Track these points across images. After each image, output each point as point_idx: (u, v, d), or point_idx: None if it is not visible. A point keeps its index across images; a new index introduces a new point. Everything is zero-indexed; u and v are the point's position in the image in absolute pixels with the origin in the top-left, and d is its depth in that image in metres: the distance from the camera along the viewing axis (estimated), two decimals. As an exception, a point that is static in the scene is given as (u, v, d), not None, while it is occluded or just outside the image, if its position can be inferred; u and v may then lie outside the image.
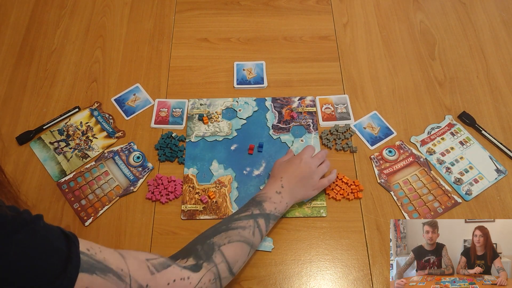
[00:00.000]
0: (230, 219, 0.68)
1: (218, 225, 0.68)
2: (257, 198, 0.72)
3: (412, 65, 0.98)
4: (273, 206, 0.71)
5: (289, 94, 0.94)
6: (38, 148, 0.88)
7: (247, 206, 0.71)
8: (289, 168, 0.76)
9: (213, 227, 0.68)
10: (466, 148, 0.87)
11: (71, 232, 0.50)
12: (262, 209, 0.70)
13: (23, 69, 0.98)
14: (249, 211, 0.69)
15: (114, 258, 0.52)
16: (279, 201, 0.72)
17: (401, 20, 1.06)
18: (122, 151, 0.87)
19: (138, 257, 0.56)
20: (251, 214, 0.69)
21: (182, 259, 0.61)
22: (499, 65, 0.98)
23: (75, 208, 0.81)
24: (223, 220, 0.69)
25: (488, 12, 1.07)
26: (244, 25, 1.05)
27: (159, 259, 0.58)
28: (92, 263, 0.49)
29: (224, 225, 0.67)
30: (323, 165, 0.79)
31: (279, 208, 0.72)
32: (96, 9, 1.08)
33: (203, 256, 0.62)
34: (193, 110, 0.92)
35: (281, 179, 0.74)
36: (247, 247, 0.66)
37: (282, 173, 0.76)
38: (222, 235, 0.65)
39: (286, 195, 0.73)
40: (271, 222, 0.71)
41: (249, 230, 0.67)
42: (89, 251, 0.49)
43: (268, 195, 0.72)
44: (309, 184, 0.76)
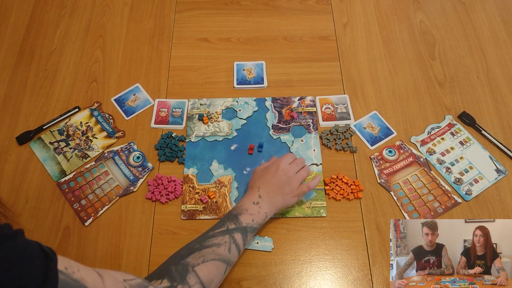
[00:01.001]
0: (204, 236, 0.66)
1: (192, 244, 0.65)
2: (232, 211, 0.70)
3: (412, 65, 0.98)
4: (250, 218, 0.69)
5: (289, 94, 0.94)
6: (38, 148, 0.88)
7: (222, 221, 0.68)
8: (266, 177, 0.74)
9: (187, 246, 0.65)
10: (466, 148, 0.87)
11: (49, 248, 0.49)
12: (238, 223, 0.68)
13: (23, 69, 0.98)
14: (225, 226, 0.67)
15: (92, 277, 0.51)
16: (257, 212, 0.70)
17: (401, 20, 1.06)
18: (122, 151, 0.87)
19: (116, 278, 0.55)
20: (226, 229, 0.66)
21: (156, 280, 0.59)
22: (499, 65, 0.98)
23: (75, 208, 0.81)
24: (198, 238, 0.66)
25: (488, 12, 1.07)
26: (244, 25, 1.05)
27: (136, 280, 0.57)
28: (69, 282, 0.48)
29: (198, 244, 0.64)
30: (302, 170, 0.77)
31: (257, 219, 0.70)
32: (96, 9, 1.08)
33: (177, 278, 0.60)
34: (193, 110, 0.92)
35: (258, 188, 0.73)
36: (222, 265, 0.64)
37: (259, 182, 0.74)
38: (196, 255, 0.63)
39: (264, 205, 0.71)
40: (249, 235, 0.69)
41: (224, 247, 0.65)
42: (67, 270, 0.48)
43: (245, 207, 0.70)
44: (287, 191, 0.74)
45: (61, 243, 0.78)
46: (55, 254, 0.49)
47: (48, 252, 0.48)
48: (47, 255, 0.47)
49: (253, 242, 0.77)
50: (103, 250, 0.77)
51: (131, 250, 0.77)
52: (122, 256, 0.76)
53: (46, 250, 0.48)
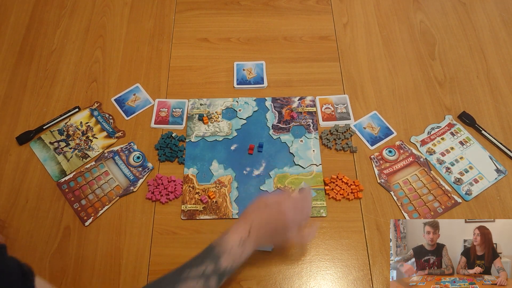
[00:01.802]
0: (178, 277, 0.59)
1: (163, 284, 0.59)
2: (216, 248, 0.62)
3: (412, 65, 0.98)
4: (231, 261, 0.62)
5: (289, 94, 0.94)
6: (38, 148, 0.88)
7: (202, 257, 0.61)
8: (264, 215, 0.66)
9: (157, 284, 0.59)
10: (466, 148, 0.87)
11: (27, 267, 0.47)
12: (217, 265, 0.60)
13: (23, 69, 0.98)
14: (203, 266, 0.60)
15: None
16: (239, 255, 0.63)
17: (401, 20, 1.06)
18: (122, 151, 0.87)
19: None
20: (203, 273, 0.59)
21: None
22: (499, 65, 0.98)
23: (75, 208, 0.81)
24: (172, 276, 0.60)
25: (488, 12, 1.07)
26: (244, 25, 1.05)
27: None
28: None
29: (171, 284, 0.58)
30: (306, 231, 0.72)
31: (237, 262, 0.63)
32: (96, 9, 1.08)
33: None
34: (193, 110, 0.92)
35: (251, 224, 0.64)
36: None
37: (255, 216, 0.66)
38: None
39: (249, 245, 0.64)
40: (225, 278, 0.62)
41: None
42: None
43: (230, 245, 0.62)
44: (278, 239, 0.69)
45: (61, 243, 0.78)
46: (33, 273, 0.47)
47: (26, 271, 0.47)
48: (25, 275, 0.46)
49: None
50: (103, 250, 0.77)
51: (131, 250, 0.77)
52: (122, 256, 0.76)
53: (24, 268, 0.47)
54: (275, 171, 0.85)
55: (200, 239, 0.78)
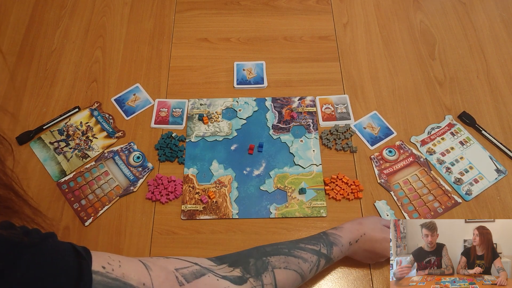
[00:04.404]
0: (295, 244, 0.64)
1: (281, 246, 0.63)
2: (331, 236, 0.67)
3: (412, 65, 0.98)
4: (339, 253, 0.67)
5: (289, 94, 0.94)
6: (38, 148, 0.88)
7: (318, 239, 0.66)
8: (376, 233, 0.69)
9: (274, 245, 0.63)
10: (466, 148, 0.87)
11: (84, 248, 0.47)
12: (330, 252, 0.65)
13: (23, 69, 0.98)
14: (318, 247, 0.65)
15: (137, 271, 0.49)
16: (345, 251, 0.68)
17: (401, 20, 1.06)
18: (122, 151, 0.87)
19: (167, 267, 0.52)
20: (318, 250, 0.64)
21: (229, 267, 0.57)
22: (499, 65, 0.98)
23: (75, 208, 0.81)
24: (288, 242, 0.65)
25: (488, 12, 1.06)
26: (244, 25, 1.05)
27: (192, 268, 0.53)
28: (107, 283, 0.45)
29: (287, 249, 0.63)
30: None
31: (340, 256, 0.68)
32: (96, 9, 1.08)
33: (252, 271, 0.57)
34: (193, 110, 0.92)
35: (364, 232, 0.69)
36: (299, 279, 0.63)
37: (369, 229, 0.69)
38: (281, 258, 0.61)
39: (351, 250, 0.69)
40: (327, 266, 0.68)
41: (308, 265, 0.63)
42: (105, 269, 0.46)
43: (343, 241, 0.67)
44: (371, 261, 0.73)
45: (61, 243, 0.78)
46: (90, 253, 0.46)
47: (82, 252, 0.46)
48: (80, 256, 0.45)
49: (253, 242, 0.77)
50: (103, 250, 0.77)
51: (131, 250, 0.77)
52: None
53: (79, 250, 0.46)
54: (275, 171, 0.85)
55: (200, 239, 0.78)
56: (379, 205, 0.80)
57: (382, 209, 0.80)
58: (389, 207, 0.80)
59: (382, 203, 0.81)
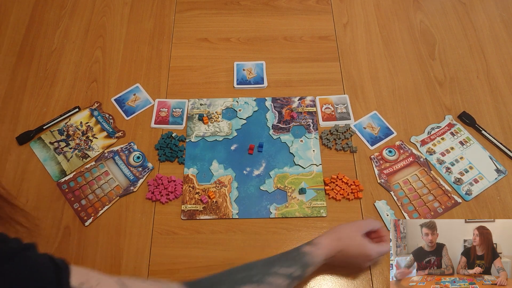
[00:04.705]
0: (269, 270, 0.62)
1: (253, 273, 0.62)
2: (307, 257, 0.65)
3: (412, 65, 0.98)
4: (311, 270, 0.67)
5: (289, 94, 0.94)
6: (38, 148, 0.88)
7: (293, 259, 0.65)
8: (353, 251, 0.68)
9: (246, 271, 0.62)
10: (466, 148, 0.87)
11: (62, 261, 0.45)
12: (303, 273, 0.64)
13: (23, 69, 0.98)
14: (292, 269, 0.63)
15: None
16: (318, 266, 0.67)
17: (401, 20, 1.06)
18: (122, 151, 0.87)
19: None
20: (291, 274, 0.63)
21: None
22: (499, 65, 0.98)
23: (75, 208, 0.81)
24: (261, 266, 0.63)
25: (488, 12, 1.06)
26: (244, 25, 1.05)
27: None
28: None
29: (260, 275, 0.61)
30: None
31: (312, 271, 0.67)
32: (96, 9, 1.08)
33: None
34: (193, 110, 0.92)
35: (341, 249, 0.68)
36: None
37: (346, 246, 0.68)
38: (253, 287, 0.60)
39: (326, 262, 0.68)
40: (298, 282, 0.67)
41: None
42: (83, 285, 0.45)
43: (318, 260, 0.66)
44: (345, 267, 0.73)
45: (61, 243, 0.78)
46: (68, 267, 0.45)
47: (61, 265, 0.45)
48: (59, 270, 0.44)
49: (253, 242, 0.77)
50: (103, 250, 0.77)
51: (131, 250, 0.77)
52: (122, 256, 0.76)
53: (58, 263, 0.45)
54: (275, 171, 0.85)
55: (200, 239, 0.78)
56: (379, 205, 0.80)
57: (382, 209, 0.80)
58: (389, 207, 0.80)
59: (382, 203, 0.81)
